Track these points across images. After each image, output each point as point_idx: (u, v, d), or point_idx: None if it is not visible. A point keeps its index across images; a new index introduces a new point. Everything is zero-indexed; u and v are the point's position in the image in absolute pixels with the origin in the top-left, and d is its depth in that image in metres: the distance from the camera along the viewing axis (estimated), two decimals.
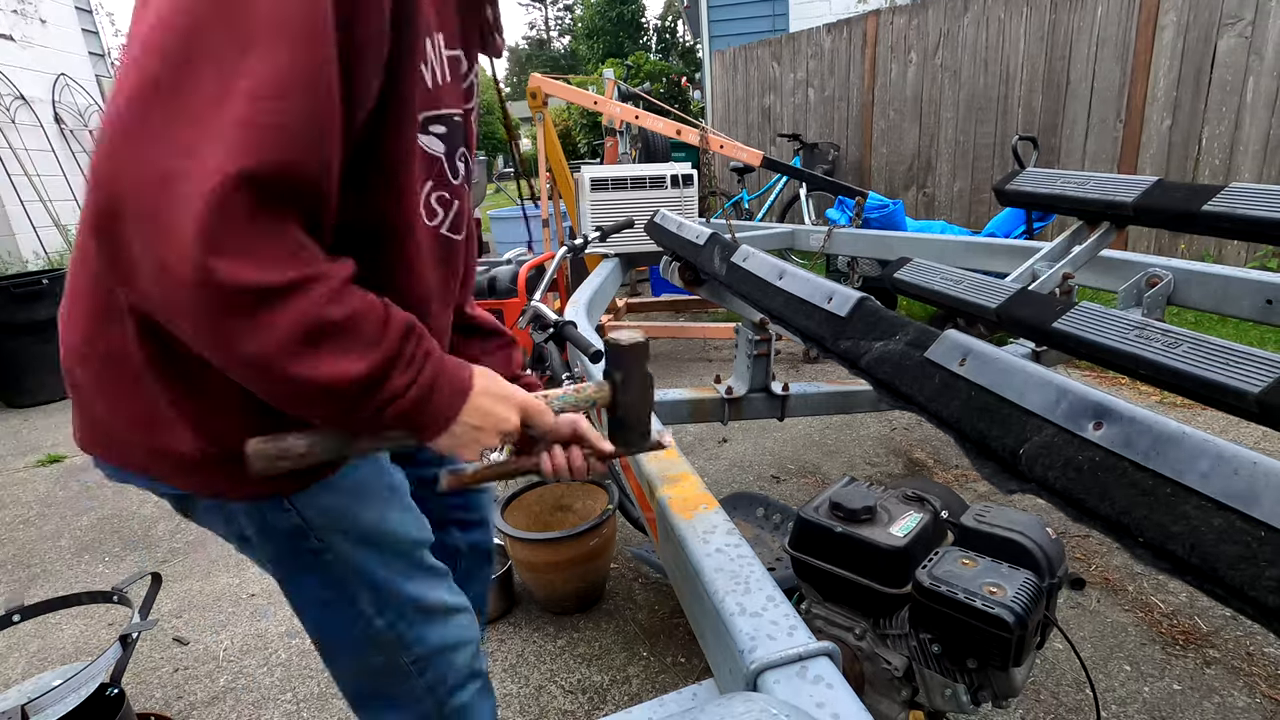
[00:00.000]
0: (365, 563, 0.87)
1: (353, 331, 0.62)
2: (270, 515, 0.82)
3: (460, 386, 0.72)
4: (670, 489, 1.08)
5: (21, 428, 3.98)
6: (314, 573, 0.87)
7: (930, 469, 2.79)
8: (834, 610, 1.11)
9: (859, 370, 1.11)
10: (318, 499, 0.82)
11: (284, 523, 0.82)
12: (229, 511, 0.82)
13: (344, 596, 0.88)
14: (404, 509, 0.92)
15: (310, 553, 0.85)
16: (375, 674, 0.94)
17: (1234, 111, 4.17)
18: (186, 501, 0.83)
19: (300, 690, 1.79)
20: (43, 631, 2.10)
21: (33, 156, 5.96)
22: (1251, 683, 1.64)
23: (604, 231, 2.67)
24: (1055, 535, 1.03)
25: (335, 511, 0.84)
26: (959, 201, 5.85)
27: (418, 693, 0.96)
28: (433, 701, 0.98)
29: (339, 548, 0.85)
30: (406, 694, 0.96)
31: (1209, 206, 1.46)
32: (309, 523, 0.83)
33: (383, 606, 0.90)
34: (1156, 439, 0.64)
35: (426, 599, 0.94)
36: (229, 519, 0.83)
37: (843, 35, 6.61)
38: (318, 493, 0.82)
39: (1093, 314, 1.11)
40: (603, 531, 1.96)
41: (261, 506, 0.81)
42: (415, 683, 0.95)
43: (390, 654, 0.93)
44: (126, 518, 2.78)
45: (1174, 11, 4.32)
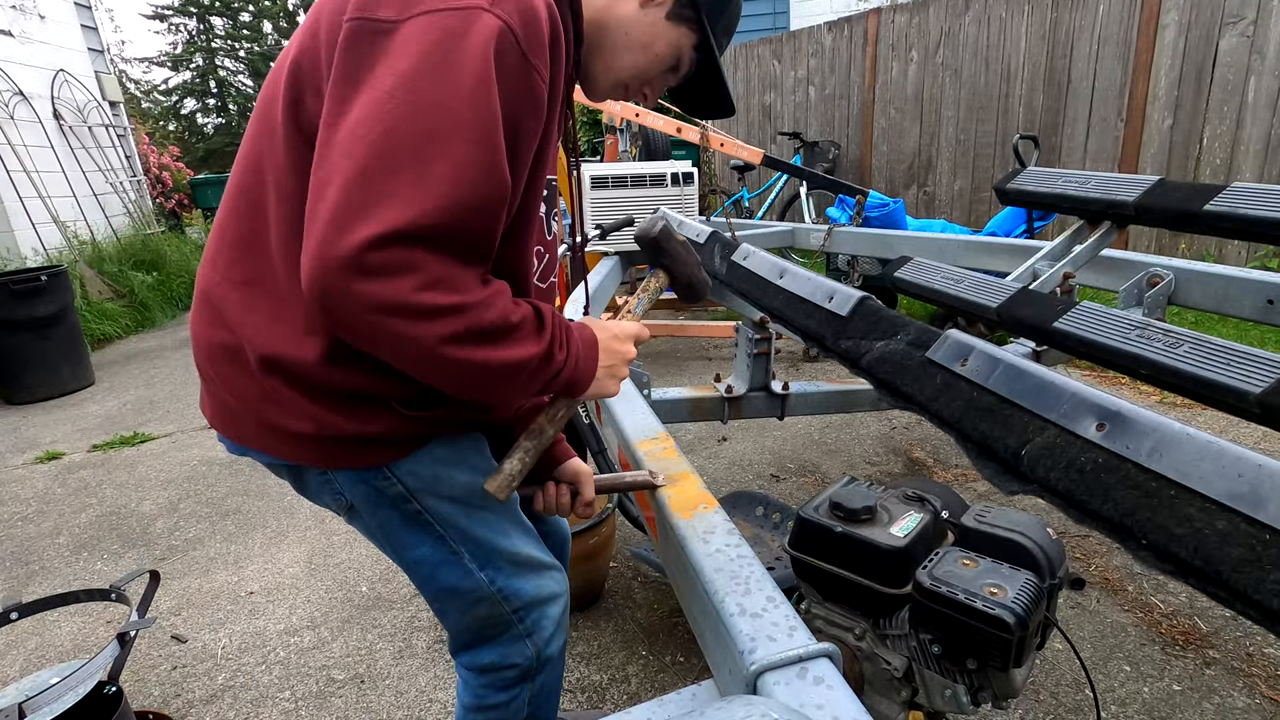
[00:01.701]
0: (463, 520, 0.96)
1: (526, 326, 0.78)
2: (375, 484, 0.91)
3: (590, 344, 0.87)
4: (670, 488, 1.07)
5: (20, 424, 3.97)
6: (419, 534, 0.95)
7: (930, 468, 2.79)
8: (834, 610, 1.10)
9: (860, 370, 1.11)
10: (415, 466, 0.91)
11: (388, 490, 0.91)
12: (338, 483, 0.91)
13: (449, 554, 0.97)
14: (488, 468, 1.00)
15: (414, 515, 0.94)
16: (482, 623, 1.03)
17: (1235, 111, 4.16)
18: (300, 474, 0.93)
19: (298, 689, 1.79)
20: (41, 629, 2.10)
21: (31, 153, 5.95)
22: (1251, 683, 1.64)
23: (604, 229, 2.67)
24: (1055, 535, 1.03)
25: (431, 476, 0.93)
26: (960, 200, 5.85)
27: (519, 637, 1.05)
28: (532, 647, 1.05)
29: (438, 509, 0.94)
30: (510, 639, 1.05)
31: (1210, 206, 1.46)
32: (409, 489, 0.92)
33: (483, 561, 0.99)
34: (1159, 440, 0.64)
35: (520, 552, 1.02)
36: (337, 491, 0.92)
37: (843, 33, 6.60)
38: (414, 461, 0.91)
39: (1093, 314, 1.10)
40: (602, 530, 1.96)
41: (366, 476, 0.90)
42: (517, 629, 1.04)
43: (493, 605, 1.01)
44: (125, 515, 2.77)
45: (1176, 10, 4.32)
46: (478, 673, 1.07)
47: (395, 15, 0.69)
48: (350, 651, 1.91)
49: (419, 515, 0.94)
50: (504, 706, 1.07)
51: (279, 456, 0.90)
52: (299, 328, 0.81)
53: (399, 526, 0.95)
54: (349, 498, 0.93)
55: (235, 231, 0.87)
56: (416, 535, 0.95)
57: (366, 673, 1.83)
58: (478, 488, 0.96)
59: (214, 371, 0.90)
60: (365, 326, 0.69)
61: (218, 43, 19.05)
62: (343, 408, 0.84)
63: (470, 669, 1.07)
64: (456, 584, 0.98)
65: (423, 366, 0.73)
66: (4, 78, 5.85)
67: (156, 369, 4.85)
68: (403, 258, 0.66)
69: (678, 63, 0.97)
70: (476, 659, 1.06)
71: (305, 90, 0.77)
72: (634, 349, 0.93)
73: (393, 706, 1.71)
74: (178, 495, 2.92)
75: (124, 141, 7.49)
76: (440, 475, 0.93)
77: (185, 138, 18.12)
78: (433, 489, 0.93)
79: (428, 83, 0.67)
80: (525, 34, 0.72)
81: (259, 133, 0.84)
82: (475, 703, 1.08)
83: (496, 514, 1.00)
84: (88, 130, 6.88)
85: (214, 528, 2.63)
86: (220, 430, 0.95)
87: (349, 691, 1.77)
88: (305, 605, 2.12)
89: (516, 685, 1.07)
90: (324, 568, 2.31)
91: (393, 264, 0.66)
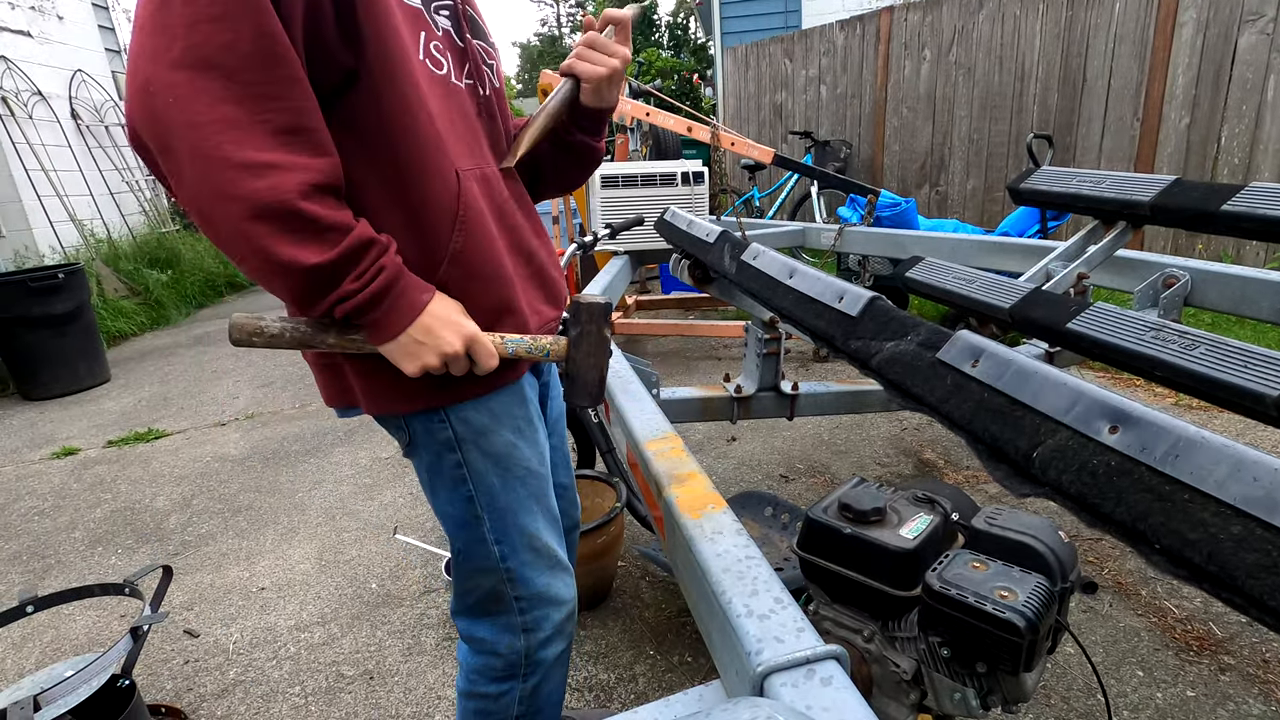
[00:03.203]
0: (493, 481, 0.97)
1: (313, 227, 0.72)
2: (430, 426, 0.93)
3: (414, 304, 0.82)
4: (678, 488, 1.07)
5: (38, 420, 4.03)
6: (453, 487, 0.97)
7: (941, 470, 2.77)
8: (842, 612, 1.10)
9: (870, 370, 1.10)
10: (467, 414, 0.93)
11: (440, 433, 0.94)
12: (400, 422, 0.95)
13: (472, 514, 0.98)
14: (531, 443, 1.01)
15: (454, 467, 0.96)
16: (485, 595, 1.04)
17: (1254, 110, 4.10)
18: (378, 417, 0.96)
19: (309, 684, 1.80)
20: (56, 622, 2.13)
21: (49, 152, 6.03)
22: (1268, 690, 1.61)
23: (614, 229, 2.67)
24: (1067, 539, 1.02)
25: (477, 426, 0.94)
26: (972, 200, 5.80)
27: (515, 627, 1.05)
28: (525, 642, 1.05)
29: (475, 463, 0.96)
30: (505, 623, 1.05)
31: (1228, 206, 1.44)
32: (457, 435, 0.94)
33: (501, 534, 0.99)
34: (1174, 443, 0.63)
35: (540, 537, 1.03)
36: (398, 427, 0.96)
37: (855, 32, 6.56)
38: (468, 408, 0.93)
39: (1108, 315, 1.09)
40: (610, 529, 1.96)
41: (425, 416, 0.93)
42: (515, 618, 1.04)
43: (498, 582, 1.02)
44: (139, 511, 2.81)
45: (1194, 8, 4.26)
46: (471, 648, 1.08)
47: None
48: (360, 648, 1.92)
49: (458, 469, 0.95)
50: (493, 699, 1.08)
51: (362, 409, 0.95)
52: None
53: (440, 475, 0.97)
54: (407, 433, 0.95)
55: None
56: (451, 489, 0.97)
57: (376, 669, 1.84)
58: (521, 458, 0.98)
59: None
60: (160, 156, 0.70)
61: None
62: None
63: (462, 636, 1.09)
64: (471, 548, 1.00)
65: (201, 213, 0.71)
66: (23, 78, 5.93)
67: (171, 366, 4.90)
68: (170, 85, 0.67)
69: None
70: (471, 629, 1.07)
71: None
72: (460, 350, 0.84)
73: (401, 703, 1.72)
74: (191, 491, 2.94)
75: None
76: (486, 428, 0.95)
77: None
78: (478, 441, 0.95)
79: None
80: None
81: None
82: (467, 688, 1.09)
83: (529, 487, 1.01)
84: (105, 129, 6.96)
85: (226, 524, 2.65)
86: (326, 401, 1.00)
87: (358, 687, 1.78)
88: (316, 601, 2.14)
89: (506, 680, 1.07)
90: (334, 564, 2.32)
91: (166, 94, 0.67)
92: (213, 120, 0.68)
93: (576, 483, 2.16)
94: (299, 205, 0.70)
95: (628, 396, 1.47)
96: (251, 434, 3.54)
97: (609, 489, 2.15)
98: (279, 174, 0.70)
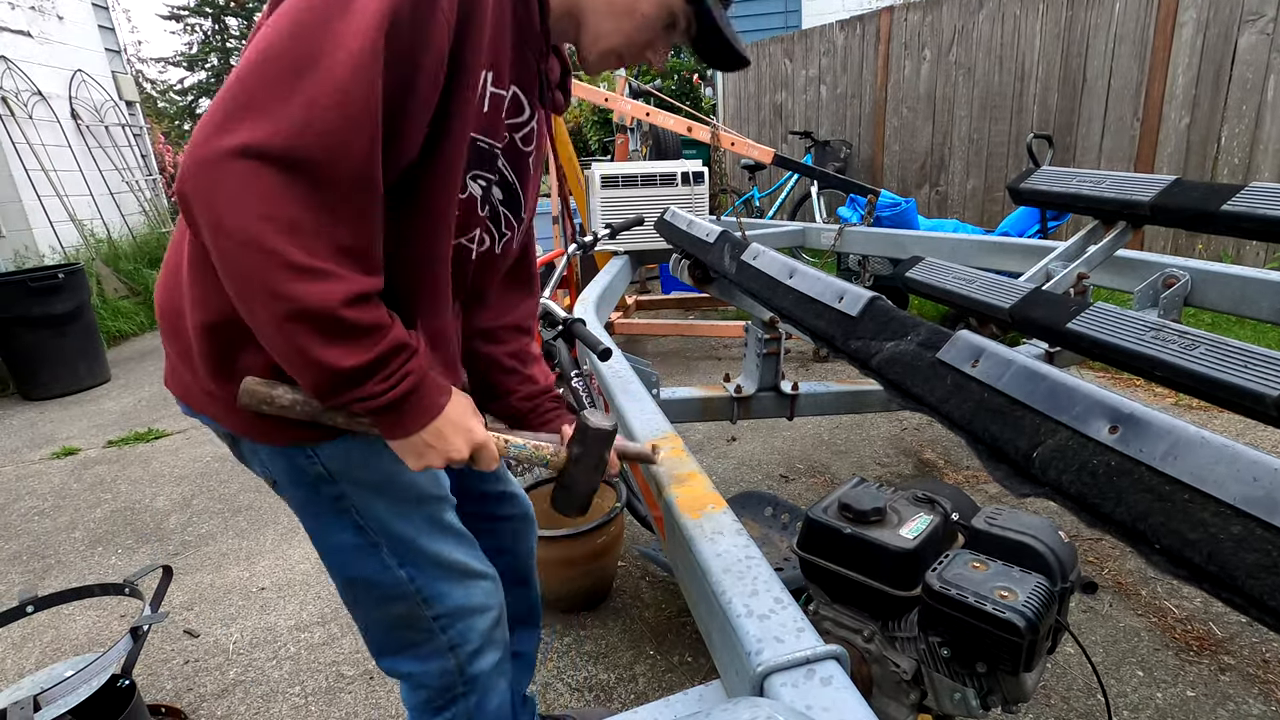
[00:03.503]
0: (383, 513, 0.93)
1: (353, 332, 0.72)
2: (296, 461, 0.89)
3: (430, 408, 0.81)
4: (678, 488, 1.07)
5: (38, 420, 4.03)
6: (337, 519, 0.93)
7: (941, 470, 2.77)
8: (842, 612, 1.10)
9: (870, 370, 1.10)
10: (338, 450, 0.89)
11: (308, 469, 0.90)
12: (263, 455, 0.90)
13: (366, 543, 0.94)
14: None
15: (333, 499, 0.92)
16: (398, 624, 0.99)
17: (1254, 110, 4.10)
18: (235, 442, 0.92)
19: (309, 684, 1.80)
20: (56, 622, 2.13)
21: (49, 152, 6.02)
22: (1268, 690, 1.61)
23: (614, 229, 2.67)
24: (1067, 539, 1.02)
25: (354, 462, 0.90)
26: (972, 200, 5.80)
27: (440, 649, 1.00)
28: (454, 661, 1.01)
29: (358, 497, 0.92)
30: (429, 649, 1.00)
31: (1228, 206, 1.44)
32: (330, 472, 0.90)
33: (403, 558, 0.95)
34: (1174, 443, 0.63)
35: (447, 556, 0.99)
36: (263, 462, 0.91)
37: (855, 32, 6.56)
38: (338, 445, 0.89)
39: (1108, 315, 1.09)
40: (610, 529, 1.96)
41: (289, 452, 0.89)
42: (438, 639, 1.00)
43: (411, 605, 0.97)
44: (139, 511, 2.81)
45: (1194, 8, 4.26)
46: (405, 685, 1.04)
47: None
48: (360, 648, 1.92)
49: (339, 500, 0.91)
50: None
51: (221, 424, 0.90)
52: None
53: (319, 509, 0.93)
54: (271, 471, 0.91)
55: None
56: (336, 520, 0.93)
57: (375, 669, 1.84)
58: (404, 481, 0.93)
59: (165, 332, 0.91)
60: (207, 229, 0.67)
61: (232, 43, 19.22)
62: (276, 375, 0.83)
63: (393, 676, 1.05)
64: (373, 576, 0.95)
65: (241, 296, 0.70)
66: (23, 78, 5.93)
67: None
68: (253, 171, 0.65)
69: (673, 20, 0.92)
70: (396, 666, 1.03)
71: None
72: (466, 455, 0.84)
73: (400, 704, 1.72)
74: (191, 491, 2.94)
75: (140, 141, 7.57)
76: (366, 462, 0.90)
77: None
78: (356, 475, 0.91)
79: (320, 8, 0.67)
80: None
81: None
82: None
83: (424, 513, 0.96)
84: (104, 130, 6.96)
85: (226, 524, 2.65)
86: (175, 393, 0.94)
87: (358, 688, 1.78)
88: (316, 601, 2.14)
89: (449, 708, 1.03)
90: None
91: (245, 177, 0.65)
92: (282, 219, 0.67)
93: None
94: (342, 313, 0.70)
95: (628, 396, 1.47)
96: None
97: (609, 489, 2.15)
98: (330, 282, 0.69)
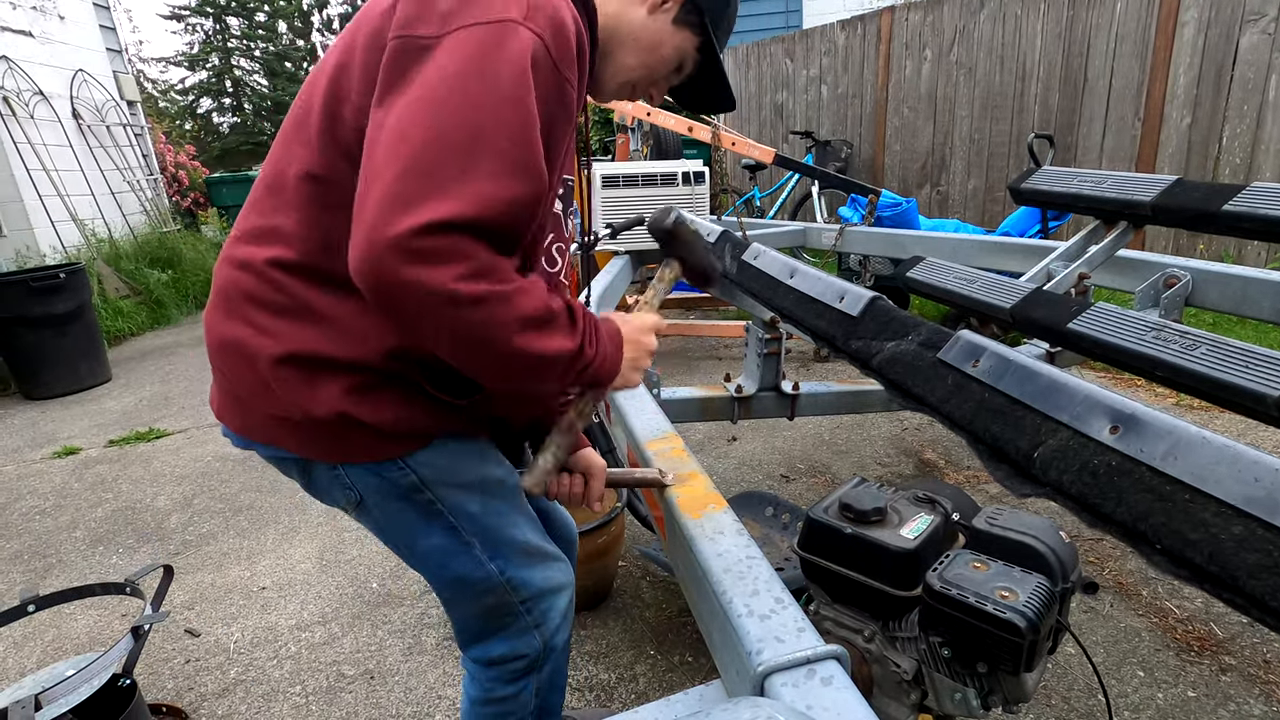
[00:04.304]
0: (474, 509, 0.98)
1: (561, 319, 0.80)
2: (388, 475, 0.93)
3: (615, 338, 0.88)
4: (678, 488, 1.07)
5: (39, 419, 4.03)
6: (429, 525, 0.97)
7: (942, 470, 2.77)
8: (843, 612, 1.10)
9: (870, 370, 1.10)
10: (430, 457, 0.94)
11: (401, 481, 0.93)
12: (348, 476, 0.93)
13: (460, 544, 0.99)
14: (498, 461, 1.03)
15: (427, 505, 0.96)
16: (491, 613, 1.05)
17: (1256, 110, 4.10)
18: (308, 469, 0.95)
19: (309, 683, 1.81)
20: (57, 621, 2.13)
21: (51, 151, 6.03)
22: (1268, 690, 1.61)
23: (615, 229, 2.67)
24: (1068, 539, 1.02)
25: (443, 466, 0.95)
26: (973, 200, 5.80)
27: (527, 628, 1.06)
28: (539, 638, 1.07)
29: (451, 499, 0.96)
30: (518, 630, 1.06)
31: (1229, 206, 1.44)
32: (423, 480, 0.94)
33: (494, 551, 1.01)
34: (1175, 443, 0.63)
35: (530, 542, 1.05)
36: (347, 484, 0.94)
37: (856, 31, 6.56)
38: (429, 452, 0.93)
39: (1109, 315, 1.09)
40: (611, 529, 1.96)
41: (379, 467, 0.92)
42: (525, 620, 1.06)
43: (502, 595, 1.03)
44: (140, 510, 2.81)
45: (1195, 8, 4.26)
46: (486, 665, 1.08)
47: (435, 31, 0.74)
48: (360, 647, 1.92)
49: (431, 505, 0.96)
50: (513, 699, 1.09)
51: (289, 450, 0.92)
52: None
53: (412, 518, 0.97)
54: (359, 491, 0.94)
55: (257, 227, 0.89)
56: (428, 526, 0.97)
57: (376, 669, 1.84)
58: (491, 478, 0.99)
59: (225, 364, 0.92)
60: (412, 309, 0.71)
61: (234, 43, 19.21)
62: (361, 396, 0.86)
63: (479, 662, 1.09)
64: (468, 574, 1.00)
65: (464, 352, 0.76)
66: (24, 77, 5.93)
67: (172, 365, 4.90)
68: (448, 245, 0.69)
69: (682, 64, 1.01)
70: (487, 651, 1.07)
71: (342, 103, 0.81)
72: (654, 340, 0.94)
73: (401, 703, 1.72)
74: (192, 491, 2.95)
75: (141, 141, 7.58)
76: (455, 465, 0.96)
77: (201, 137, 18.27)
78: (446, 479, 0.95)
79: (472, 85, 0.71)
80: (556, 45, 0.77)
81: (293, 139, 0.87)
82: (483, 696, 1.09)
83: (508, 504, 1.02)
84: (106, 129, 6.96)
85: (227, 523, 2.65)
86: (227, 423, 0.97)
87: (359, 687, 1.78)
88: (316, 601, 2.14)
89: (524, 677, 1.09)
90: (335, 564, 2.32)
91: (439, 250, 0.69)
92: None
93: None
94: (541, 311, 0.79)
95: (628, 396, 1.48)
96: None
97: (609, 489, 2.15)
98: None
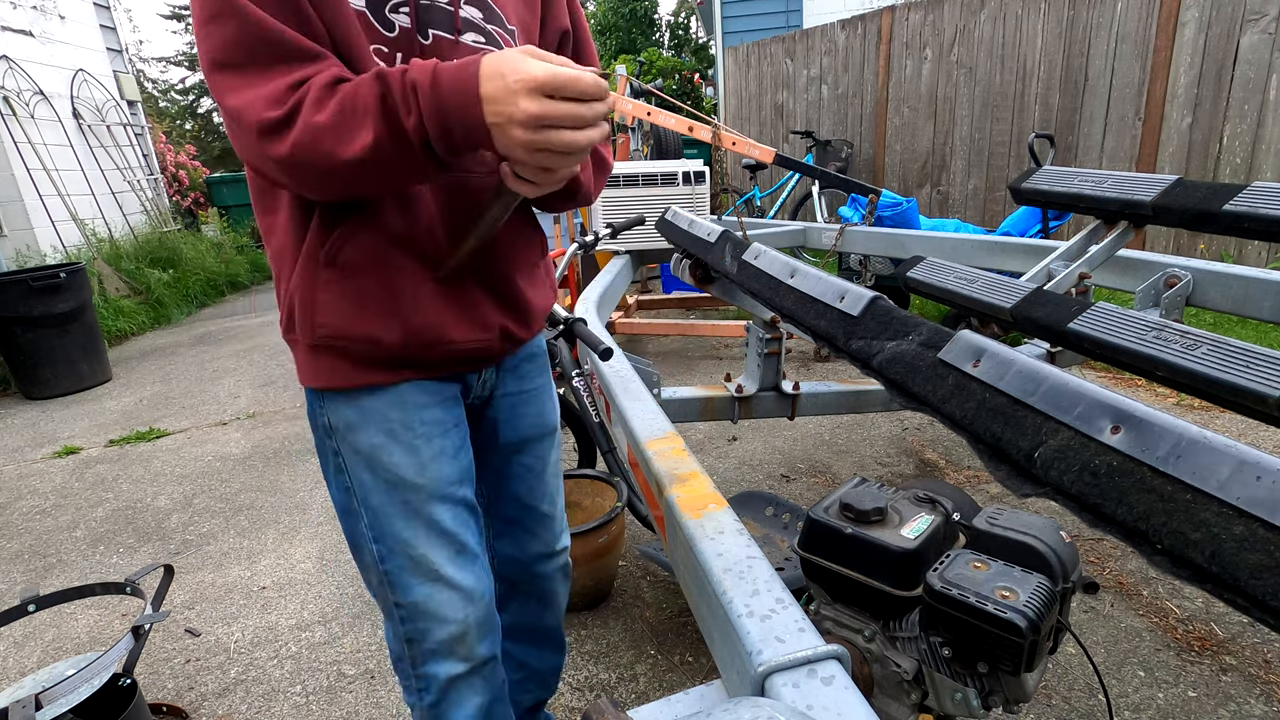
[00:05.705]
0: (368, 483, 0.95)
1: (345, 118, 0.72)
2: (312, 405, 0.95)
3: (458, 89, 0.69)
4: (679, 488, 1.07)
5: (39, 419, 4.03)
6: (336, 475, 0.97)
7: (942, 470, 2.77)
8: (843, 612, 1.10)
9: (871, 370, 1.10)
10: (338, 406, 0.93)
11: (319, 417, 0.95)
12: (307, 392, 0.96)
13: (352, 508, 0.97)
14: (408, 449, 0.93)
15: (333, 454, 0.96)
16: (373, 590, 1.02)
17: (1256, 109, 4.10)
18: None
19: (310, 683, 1.81)
20: (57, 621, 2.13)
21: (51, 151, 6.03)
22: (1269, 690, 1.61)
23: (615, 228, 2.67)
24: (1069, 539, 1.02)
25: (347, 424, 0.93)
26: (974, 200, 5.80)
27: (398, 634, 1.01)
28: (408, 652, 1.01)
29: (350, 460, 0.95)
30: (390, 626, 1.02)
31: (1230, 206, 1.44)
32: (331, 425, 0.94)
33: (378, 535, 0.96)
34: (1176, 443, 0.63)
35: (417, 551, 0.96)
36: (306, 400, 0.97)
37: (857, 31, 6.56)
38: (339, 400, 0.92)
39: (1109, 314, 1.09)
40: (611, 529, 1.96)
41: (309, 394, 0.95)
42: (398, 626, 1.00)
43: (379, 584, 0.99)
44: (141, 510, 2.81)
45: (1195, 7, 4.25)
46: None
47: None
48: (361, 647, 1.92)
49: (337, 456, 0.95)
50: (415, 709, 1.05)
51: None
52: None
53: (325, 459, 0.97)
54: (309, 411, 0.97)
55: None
56: (335, 476, 0.97)
57: (377, 669, 1.84)
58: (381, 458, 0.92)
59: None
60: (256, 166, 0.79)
61: None
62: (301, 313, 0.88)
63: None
64: (354, 540, 0.99)
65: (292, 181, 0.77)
66: (25, 77, 5.93)
67: (172, 365, 4.90)
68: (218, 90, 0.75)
69: None
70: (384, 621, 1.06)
71: None
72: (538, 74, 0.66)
73: (402, 703, 1.72)
74: (192, 490, 2.95)
75: (141, 140, 7.58)
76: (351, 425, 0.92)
77: (201, 136, 18.29)
78: (347, 437, 0.94)
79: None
80: None
81: None
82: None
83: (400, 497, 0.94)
84: (106, 129, 6.96)
85: (227, 523, 2.65)
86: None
87: (359, 687, 1.78)
88: (317, 601, 2.14)
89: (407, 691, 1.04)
90: (335, 563, 2.32)
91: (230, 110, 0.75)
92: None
93: (578, 483, 2.18)
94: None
95: (628, 396, 1.47)
96: (253, 433, 3.54)
97: (609, 489, 2.15)
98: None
